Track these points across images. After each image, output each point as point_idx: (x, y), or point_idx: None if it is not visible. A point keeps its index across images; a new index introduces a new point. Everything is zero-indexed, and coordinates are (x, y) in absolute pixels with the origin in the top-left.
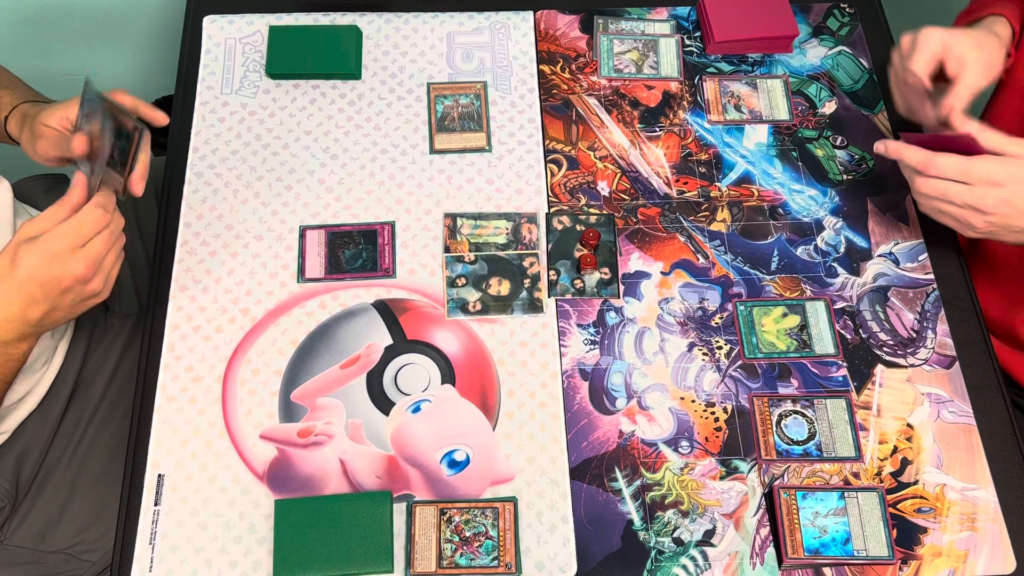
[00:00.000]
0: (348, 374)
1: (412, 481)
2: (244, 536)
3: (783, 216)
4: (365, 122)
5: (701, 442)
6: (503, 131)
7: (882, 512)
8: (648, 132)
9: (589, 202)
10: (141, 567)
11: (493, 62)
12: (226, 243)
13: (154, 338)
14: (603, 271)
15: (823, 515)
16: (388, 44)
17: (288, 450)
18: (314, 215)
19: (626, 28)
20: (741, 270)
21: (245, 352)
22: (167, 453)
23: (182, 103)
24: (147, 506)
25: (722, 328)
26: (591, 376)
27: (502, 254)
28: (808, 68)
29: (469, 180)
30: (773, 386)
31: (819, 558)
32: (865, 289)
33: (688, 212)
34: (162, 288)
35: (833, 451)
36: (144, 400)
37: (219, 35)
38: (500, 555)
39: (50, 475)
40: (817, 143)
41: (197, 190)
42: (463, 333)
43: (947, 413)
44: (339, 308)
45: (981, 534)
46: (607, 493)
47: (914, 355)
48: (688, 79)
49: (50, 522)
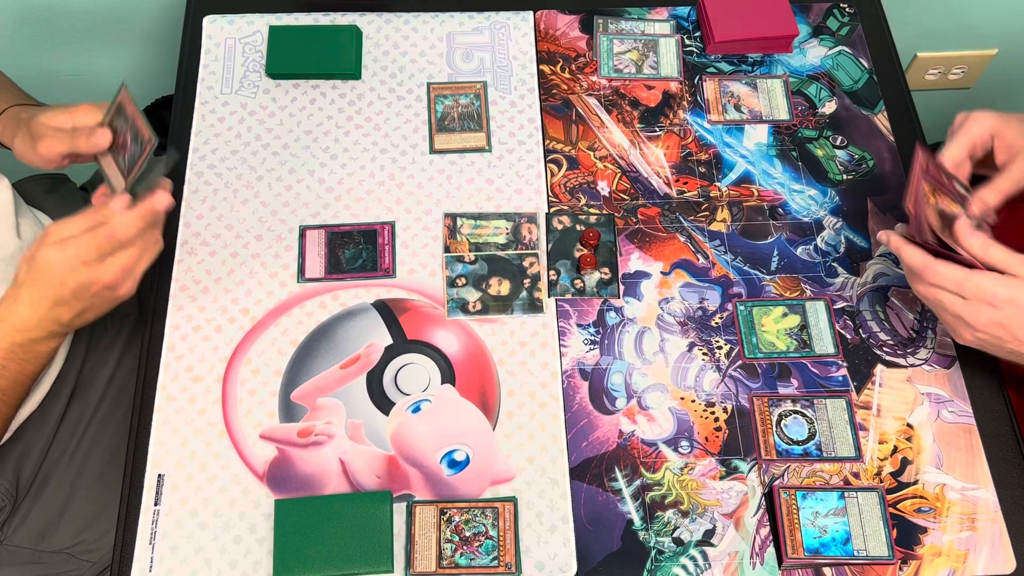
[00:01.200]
0: (348, 374)
1: (412, 481)
2: (244, 536)
3: (783, 216)
4: (365, 122)
5: (701, 442)
6: (503, 131)
7: (882, 512)
8: (648, 132)
9: (589, 202)
10: (141, 567)
11: (493, 62)
12: (226, 243)
13: (154, 338)
14: (603, 271)
15: (823, 515)
16: (388, 44)
17: (288, 450)
18: (314, 215)
19: (626, 28)
20: (741, 270)
21: (245, 352)
22: (167, 453)
23: (182, 103)
24: (147, 506)
25: (722, 328)
26: (591, 376)
27: (502, 254)
28: (808, 68)
29: (469, 180)
30: (773, 386)
31: (819, 558)
32: (865, 289)
33: (688, 212)
34: (162, 288)
35: (833, 451)
36: (144, 400)
37: (219, 35)
38: (500, 555)
39: (50, 475)
40: (817, 143)
41: (197, 190)
42: (463, 333)
43: (947, 413)
44: (339, 308)
45: (981, 534)
46: (607, 493)
47: (914, 355)
48: (688, 79)
49: (50, 522)
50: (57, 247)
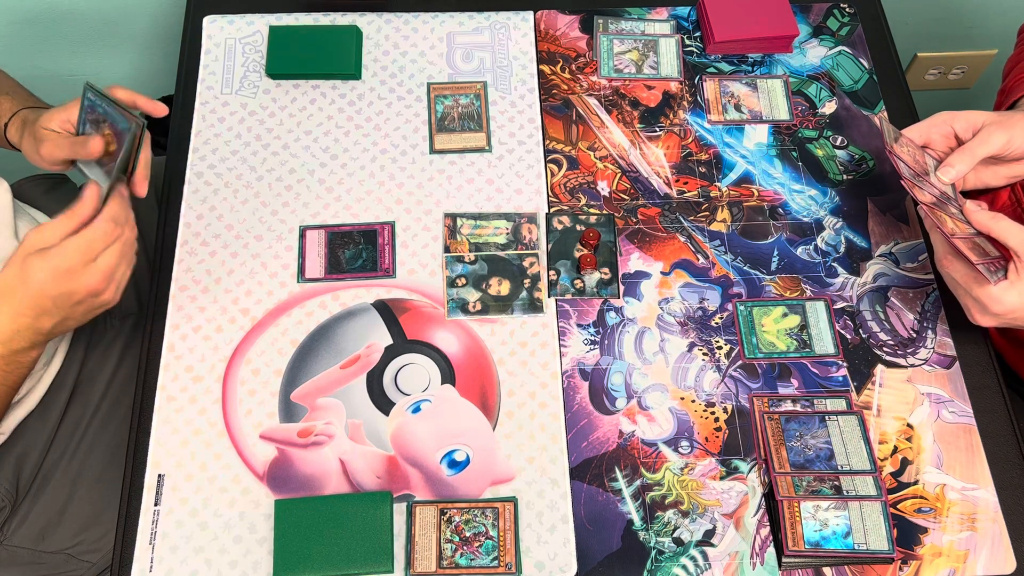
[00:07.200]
0: (348, 374)
1: (412, 481)
2: (244, 536)
3: (783, 216)
4: (365, 122)
5: (701, 442)
6: (503, 131)
7: (883, 511)
8: (648, 132)
9: (589, 202)
10: (141, 567)
11: (493, 62)
12: (226, 243)
13: (154, 338)
14: (603, 271)
15: (824, 509)
16: (388, 44)
17: (288, 450)
18: (314, 215)
19: (626, 28)
20: (741, 270)
21: (245, 352)
22: (167, 453)
23: (182, 103)
24: (147, 506)
25: (722, 328)
26: (591, 376)
27: (502, 254)
28: (808, 68)
29: (469, 180)
30: (773, 386)
31: (819, 551)
32: (865, 289)
33: (688, 212)
34: (162, 288)
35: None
36: (144, 400)
37: (219, 35)
38: (500, 555)
39: (50, 475)
40: (817, 143)
41: (197, 190)
42: (463, 333)
43: (947, 413)
44: (339, 308)
45: (981, 534)
46: (607, 493)
47: (914, 355)
48: (688, 79)
49: (50, 522)
50: (39, 257)
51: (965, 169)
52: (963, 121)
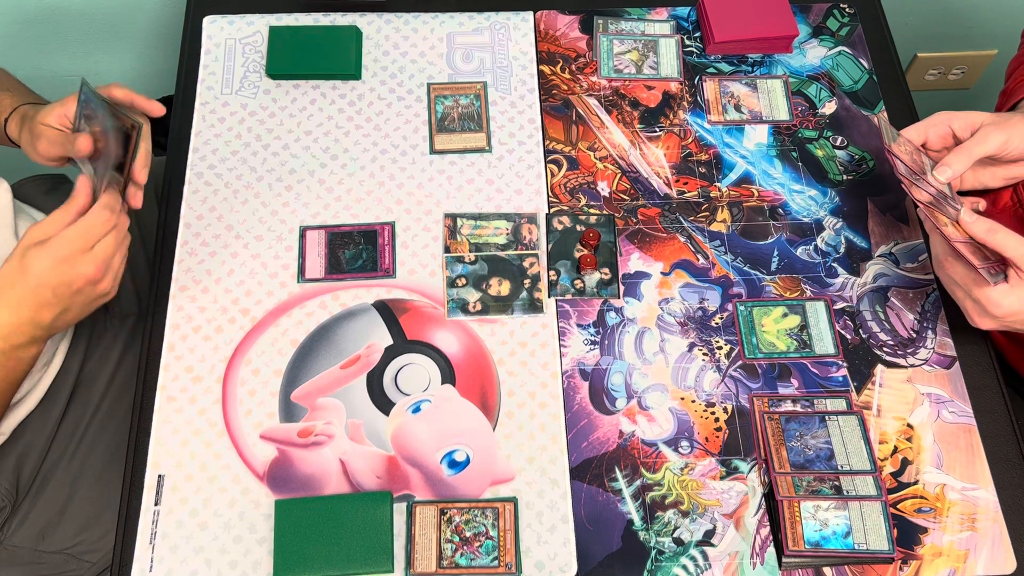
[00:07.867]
0: (348, 374)
1: (412, 481)
2: (244, 536)
3: (783, 216)
4: (365, 122)
5: (701, 442)
6: (503, 131)
7: (883, 512)
8: (648, 132)
9: (589, 202)
10: (141, 567)
11: (493, 62)
12: (226, 243)
13: (154, 338)
14: (603, 271)
15: (824, 509)
16: (388, 44)
17: (288, 450)
18: (314, 215)
19: (626, 28)
20: (741, 270)
21: (245, 352)
22: (167, 453)
23: (182, 103)
24: (147, 506)
25: (722, 328)
26: (591, 376)
27: (502, 254)
28: (808, 68)
29: (469, 180)
30: (773, 386)
31: (819, 551)
32: (865, 289)
33: (688, 212)
34: (162, 288)
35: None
36: (144, 400)
37: (219, 35)
38: (500, 555)
39: (50, 475)
40: (817, 143)
41: (197, 190)
42: (463, 333)
43: (947, 413)
44: (339, 308)
45: (981, 534)
46: (607, 493)
47: (914, 355)
48: (688, 79)
49: (50, 522)
50: (38, 248)
51: (961, 169)
52: (961, 121)
